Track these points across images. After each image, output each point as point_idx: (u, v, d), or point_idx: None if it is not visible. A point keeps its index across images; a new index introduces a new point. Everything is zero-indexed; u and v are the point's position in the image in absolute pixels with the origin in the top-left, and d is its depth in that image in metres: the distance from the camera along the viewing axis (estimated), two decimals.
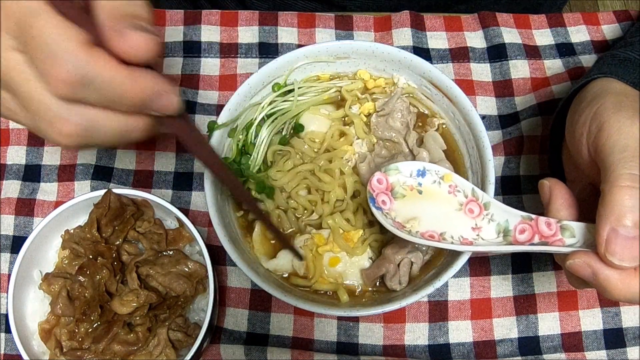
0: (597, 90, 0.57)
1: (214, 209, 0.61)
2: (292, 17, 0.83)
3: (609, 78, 0.58)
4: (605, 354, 0.69)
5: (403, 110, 0.69)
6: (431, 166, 0.60)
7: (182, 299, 0.63)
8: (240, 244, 0.64)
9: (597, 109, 0.53)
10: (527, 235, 0.53)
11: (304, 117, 0.70)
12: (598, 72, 0.60)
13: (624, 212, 0.46)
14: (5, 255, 0.71)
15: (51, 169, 0.75)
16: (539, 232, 0.53)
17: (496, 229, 0.56)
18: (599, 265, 0.47)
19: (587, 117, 0.53)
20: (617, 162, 0.48)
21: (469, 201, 0.58)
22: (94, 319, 0.61)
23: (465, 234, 0.56)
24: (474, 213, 0.57)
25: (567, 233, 0.52)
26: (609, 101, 0.53)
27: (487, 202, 0.57)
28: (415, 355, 0.69)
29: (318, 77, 0.72)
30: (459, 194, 0.58)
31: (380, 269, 0.63)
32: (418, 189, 0.60)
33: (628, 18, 0.85)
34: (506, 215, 0.55)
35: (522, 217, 0.54)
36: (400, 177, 0.60)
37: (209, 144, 0.57)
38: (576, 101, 0.59)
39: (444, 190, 0.59)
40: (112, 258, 0.63)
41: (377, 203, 0.59)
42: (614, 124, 0.50)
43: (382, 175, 0.60)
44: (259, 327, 0.69)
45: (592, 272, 0.48)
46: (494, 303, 0.70)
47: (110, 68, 0.39)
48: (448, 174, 0.59)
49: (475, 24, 0.83)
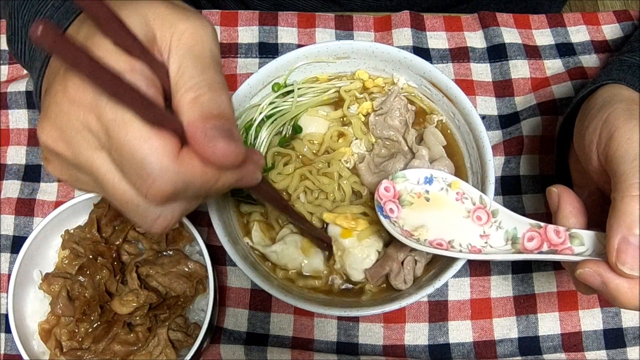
0: (606, 97, 0.56)
1: (214, 209, 0.61)
2: (292, 17, 0.83)
3: (617, 84, 0.58)
4: (605, 354, 0.69)
5: (401, 109, 0.69)
6: (438, 173, 0.59)
7: (182, 299, 0.63)
8: (240, 244, 0.64)
9: (607, 116, 0.52)
10: (535, 243, 0.53)
11: (303, 119, 0.70)
12: (607, 78, 0.59)
13: (636, 221, 0.45)
14: (5, 255, 0.71)
15: None
16: (547, 240, 0.52)
17: (504, 237, 0.55)
18: (609, 274, 0.47)
19: (597, 125, 0.53)
20: (628, 171, 0.47)
21: (476, 208, 0.57)
22: (94, 319, 0.61)
23: (474, 241, 0.56)
24: (481, 220, 0.57)
25: (576, 241, 0.51)
26: (620, 109, 0.52)
27: (495, 209, 0.56)
28: (415, 355, 0.69)
29: (317, 77, 0.73)
30: (466, 201, 0.58)
31: (384, 268, 0.62)
32: (425, 197, 0.59)
33: (628, 18, 0.85)
34: (514, 222, 0.55)
35: (530, 225, 0.54)
36: (408, 184, 0.60)
37: (270, 185, 0.59)
38: (585, 107, 0.58)
39: (451, 198, 0.59)
40: (112, 258, 0.63)
41: (385, 211, 0.59)
42: (624, 133, 0.49)
43: (389, 183, 0.60)
44: (259, 327, 0.69)
45: (602, 282, 0.47)
46: (494, 303, 0.70)
47: (202, 174, 0.39)
48: (455, 181, 0.59)
49: (475, 24, 0.83)
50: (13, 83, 0.78)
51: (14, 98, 0.77)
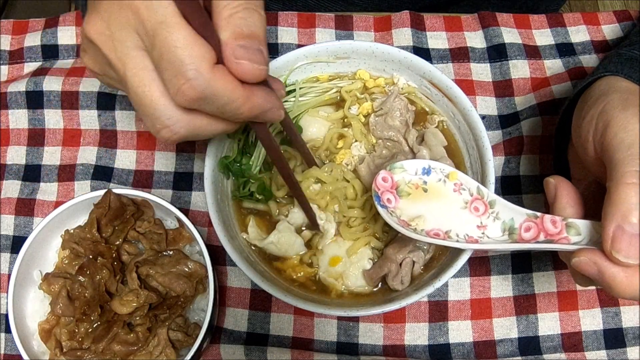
0: (603, 88, 0.56)
1: (214, 209, 0.61)
2: (292, 17, 0.83)
3: (615, 76, 0.58)
4: (605, 354, 0.69)
5: (401, 109, 0.69)
6: (436, 164, 0.60)
7: (182, 299, 0.63)
8: (240, 244, 0.64)
9: (604, 106, 0.53)
10: (532, 234, 0.53)
11: (303, 119, 0.70)
12: (604, 70, 0.59)
13: (631, 209, 0.45)
14: (5, 255, 0.71)
15: (51, 169, 0.75)
16: (544, 230, 0.53)
17: (501, 227, 0.56)
18: (604, 262, 0.47)
19: (593, 115, 0.53)
20: (623, 159, 0.47)
21: (474, 199, 0.58)
22: (94, 319, 0.61)
23: (471, 232, 0.57)
24: (479, 211, 0.57)
25: (572, 231, 0.51)
26: (616, 99, 0.53)
27: (492, 200, 0.57)
28: (415, 355, 0.69)
29: (317, 78, 0.72)
30: (464, 192, 0.58)
31: (382, 269, 0.63)
32: (423, 187, 0.60)
33: (628, 18, 0.85)
34: (512, 213, 0.55)
35: (527, 215, 0.54)
36: (406, 175, 0.60)
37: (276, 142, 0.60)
38: (582, 99, 0.59)
39: (449, 188, 0.59)
40: (112, 258, 0.63)
41: (382, 201, 0.59)
42: (620, 122, 0.50)
43: (387, 174, 0.60)
44: (259, 327, 0.69)
45: (597, 270, 0.47)
46: (494, 303, 0.70)
47: (231, 89, 0.43)
48: (453, 172, 0.59)
49: (475, 24, 0.83)
50: (13, 83, 0.78)
51: (14, 98, 0.77)
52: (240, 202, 0.67)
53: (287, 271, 0.65)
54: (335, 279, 0.64)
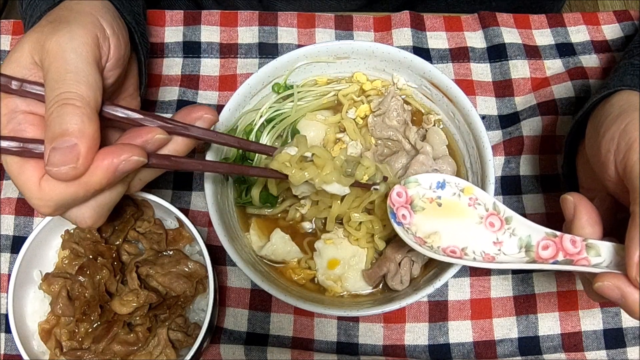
0: (623, 104, 0.55)
1: (214, 209, 0.61)
2: (292, 17, 0.83)
3: (633, 91, 0.57)
4: (605, 354, 0.69)
5: (398, 109, 0.69)
6: (451, 178, 0.59)
7: (182, 299, 0.63)
8: (240, 244, 0.64)
9: (626, 126, 0.51)
10: (550, 252, 0.52)
11: (301, 123, 0.70)
12: (621, 84, 0.58)
13: None
14: (5, 255, 0.71)
15: None
16: (563, 249, 0.52)
17: (518, 244, 0.54)
18: (628, 288, 0.46)
19: (614, 134, 0.52)
20: None
21: (489, 214, 0.57)
22: (94, 319, 0.61)
23: (487, 248, 0.55)
24: (494, 227, 0.56)
25: (592, 252, 0.50)
26: (638, 118, 0.51)
27: (509, 216, 0.56)
28: (415, 355, 0.69)
29: (316, 81, 0.72)
30: (479, 207, 0.57)
31: (381, 269, 0.63)
32: (438, 202, 0.59)
33: (628, 18, 0.85)
34: (529, 230, 0.54)
35: (545, 233, 0.53)
36: (420, 189, 0.59)
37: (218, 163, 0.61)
38: (600, 113, 0.57)
39: (463, 203, 0.58)
40: (112, 258, 0.63)
41: (397, 218, 0.58)
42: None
43: (401, 188, 0.59)
44: (259, 327, 0.69)
45: (620, 295, 0.47)
46: (494, 303, 0.70)
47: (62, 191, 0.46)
48: (468, 186, 0.58)
49: (475, 24, 0.83)
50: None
51: None
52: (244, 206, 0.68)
53: (287, 273, 0.65)
54: (334, 281, 0.64)
